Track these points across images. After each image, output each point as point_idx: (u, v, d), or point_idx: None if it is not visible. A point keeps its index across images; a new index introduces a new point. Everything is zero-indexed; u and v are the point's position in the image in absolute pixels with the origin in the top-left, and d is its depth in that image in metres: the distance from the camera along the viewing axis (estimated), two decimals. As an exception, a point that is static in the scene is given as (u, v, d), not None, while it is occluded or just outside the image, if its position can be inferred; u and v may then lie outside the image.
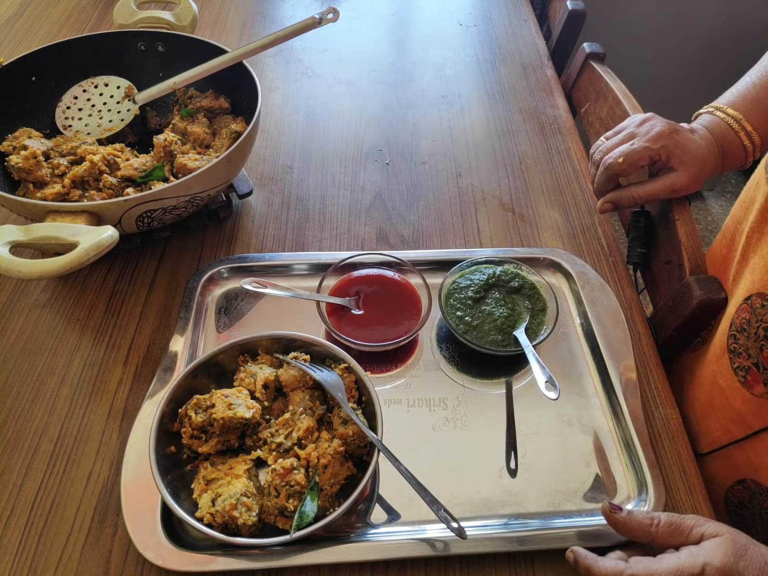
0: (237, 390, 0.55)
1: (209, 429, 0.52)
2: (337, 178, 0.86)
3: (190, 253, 0.74)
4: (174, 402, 0.53)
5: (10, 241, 0.54)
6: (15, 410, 0.60)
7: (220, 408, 0.52)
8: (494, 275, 0.68)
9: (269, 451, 0.53)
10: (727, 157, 0.70)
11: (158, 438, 0.51)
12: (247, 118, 0.78)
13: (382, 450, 0.50)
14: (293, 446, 0.52)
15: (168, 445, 0.53)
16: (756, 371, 0.56)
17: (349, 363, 0.57)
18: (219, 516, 0.48)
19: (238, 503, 0.48)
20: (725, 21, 1.67)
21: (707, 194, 2.23)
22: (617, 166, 0.69)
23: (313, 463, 0.51)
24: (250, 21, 1.16)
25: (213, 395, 0.53)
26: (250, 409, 0.53)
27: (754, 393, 0.57)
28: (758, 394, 0.56)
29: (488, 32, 1.18)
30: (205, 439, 0.53)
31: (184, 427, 0.53)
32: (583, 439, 0.60)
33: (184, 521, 0.47)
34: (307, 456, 0.51)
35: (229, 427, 0.53)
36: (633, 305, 0.72)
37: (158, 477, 0.49)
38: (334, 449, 0.52)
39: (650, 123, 0.71)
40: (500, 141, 0.94)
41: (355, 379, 0.57)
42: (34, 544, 0.52)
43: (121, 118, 0.79)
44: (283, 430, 0.54)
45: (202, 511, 0.48)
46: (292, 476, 0.49)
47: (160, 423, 0.52)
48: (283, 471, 0.50)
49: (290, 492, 0.49)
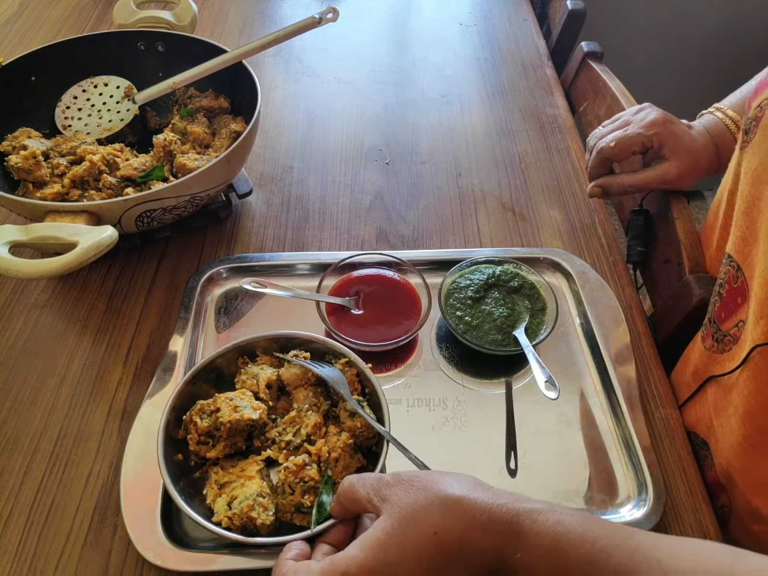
0: (240, 392, 0.55)
1: (216, 433, 0.52)
2: (337, 177, 0.86)
3: (190, 253, 0.74)
4: (177, 410, 0.53)
5: (10, 241, 0.54)
6: (15, 410, 0.60)
7: (226, 411, 0.52)
8: (494, 275, 0.68)
9: (279, 450, 0.53)
10: (723, 157, 0.70)
11: (165, 448, 0.50)
12: (246, 118, 0.78)
13: (391, 440, 0.51)
14: (303, 443, 0.53)
15: (175, 454, 0.52)
16: (709, 325, 0.59)
17: (349, 357, 0.57)
18: (237, 518, 0.48)
19: (255, 504, 0.48)
20: (725, 20, 1.67)
21: (707, 194, 2.23)
22: (609, 150, 0.70)
23: (324, 458, 0.51)
24: (250, 21, 1.16)
25: (217, 399, 0.53)
26: (257, 410, 0.53)
27: (705, 346, 0.59)
28: (707, 347, 0.59)
29: (488, 32, 1.18)
30: (213, 444, 0.52)
31: (190, 433, 0.52)
32: (583, 439, 0.60)
33: (205, 528, 0.47)
34: (318, 451, 0.51)
35: (236, 429, 0.52)
36: (633, 305, 0.72)
37: (171, 487, 0.48)
38: (344, 442, 0.52)
39: (645, 111, 0.72)
40: (500, 140, 0.94)
41: (356, 372, 0.57)
42: (33, 544, 0.52)
43: (120, 118, 0.79)
44: (290, 428, 0.54)
45: (220, 515, 0.48)
46: (305, 472, 0.50)
47: (165, 432, 0.51)
48: (296, 468, 0.50)
49: (305, 488, 0.49)
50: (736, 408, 0.53)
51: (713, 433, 0.58)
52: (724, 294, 0.56)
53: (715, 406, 0.58)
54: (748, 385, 0.51)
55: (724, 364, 0.55)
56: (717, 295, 0.57)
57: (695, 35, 1.71)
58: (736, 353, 0.54)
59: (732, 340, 0.54)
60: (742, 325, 0.52)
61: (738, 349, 0.53)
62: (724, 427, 0.56)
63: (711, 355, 0.58)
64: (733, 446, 0.55)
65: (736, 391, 0.53)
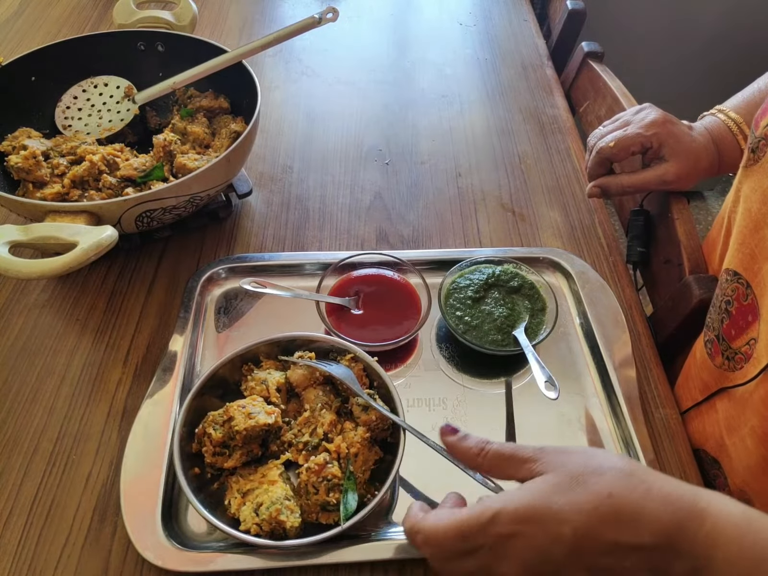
0: (251, 399, 0.54)
1: (230, 443, 0.52)
2: (337, 177, 0.86)
3: (190, 253, 0.74)
4: (188, 425, 0.53)
5: (10, 241, 0.54)
6: (14, 410, 0.60)
7: (240, 419, 0.52)
8: (494, 275, 0.68)
9: (297, 452, 0.53)
10: (724, 159, 0.70)
11: (183, 464, 0.50)
12: (246, 118, 0.78)
13: (408, 428, 0.51)
14: (320, 442, 0.53)
15: (191, 468, 0.52)
16: (717, 343, 0.58)
17: (354, 352, 0.57)
18: (266, 524, 0.48)
19: (282, 508, 0.48)
20: (725, 20, 1.67)
21: (707, 194, 2.23)
22: (608, 149, 0.70)
23: (343, 454, 0.51)
24: (250, 21, 1.16)
25: (229, 409, 0.53)
26: (271, 414, 0.53)
27: (715, 364, 0.58)
28: (717, 365, 0.58)
29: (488, 32, 1.18)
30: (229, 454, 0.52)
31: (205, 446, 0.52)
32: (583, 439, 0.60)
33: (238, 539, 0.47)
34: (337, 448, 0.52)
35: (252, 436, 0.52)
36: (633, 305, 0.72)
37: (196, 502, 0.48)
38: (361, 436, 0.52)
39: (645, 111, 0.71)
40: (500, 141, 0.94)
41: (363, 366, 0.57)
42: (33, 544, 0.52)
43: (120, 118, 0.79)
44: (305, 429, 0.54)
45: (248, 523, 0.48)
46: (328, 470, 0.50)
47: (180, 448, 0.51)
48: (318, 467, 0.50)
49: (329, 486, 0.49)
50: (753, 429, 0.52)
51: (725, 452, 0.57)
52: (734, 312, 0.55)
53: (728, 425, 0.56)
54: (766, 405, 0.50)
55: (737, 381, 0.54)
56: (725, 312, 0.56)
57: (695, 35, 1.71)
58: (748, 371, 0.52)
59: (743, 358, 0.53)
60: (754, 342, 0.52)
61: (750, 366, 0.52)
62: (739, 446, 0.55)
63: (722, 373, 0.57)
64: (749, 467, 0.53)
65: (751, 411, 0.52)
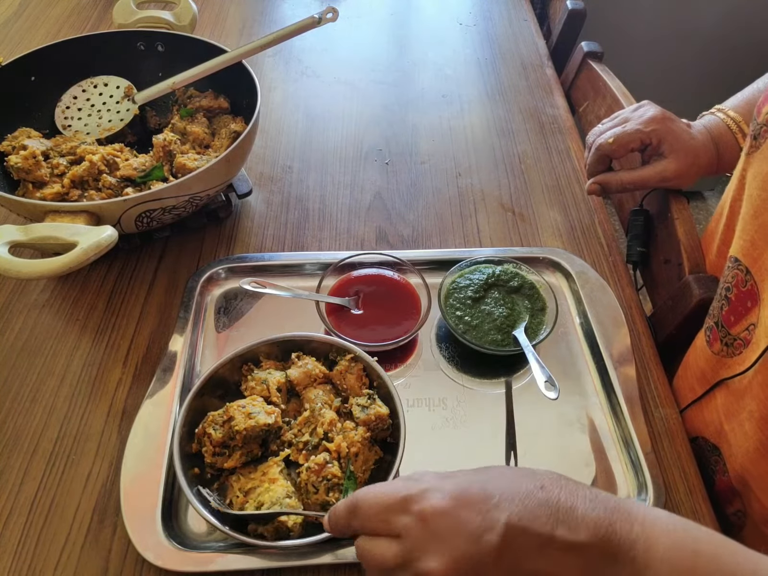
0: (251, 399, 0.54)
1: (230, 443, 0.52)
2: (337, 177, 0.86)
3: (190, 253, 0.74)
4: (188, 425, 0.53)
5: (10, 241, 0.54)
6: (14, 410, 0.60)
7: (240, 419, 0.52)
8: (494, 275, 0.68)
9: (297, 452, 0.53)
10: (723, 158, 0.70)
11: (183, 465, 0.50)
12: (246, 118, 0.78)
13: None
14: (320, 441, 0.53)
15: (190, 469, 0.52)
16: (716, 329, 0.58)
17: (354, 352, 0.57)
18: (270, 524, 0.48)
19: (283, 508, 0.48)
20: (725, 20, 1.66)
21: (707, 194, 2.23)
22: (607, 146, 0.70)
23: (343, 454, 0.51)
24: (250, 21, 1.16)
25: (229, 409, 0.53)
26: (271, 414, 0.53)
27: (713, 351, 0.59)
28: (716, 351, 0.58)
29: (488, 32, 1.18)
30: (229, 454, 0.52)
31: (205, 446, 0.52)
32: (583, 439, 0.60)
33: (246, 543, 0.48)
34: (337, 447, 0.51)
35: (252, 436, 0.52)
36: (633, 305, 0.72)
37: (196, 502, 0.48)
38: (361, 436, 0.52)
39: (644, 108, 0.72)
40: (500, 141, 0.94)
41: (363, 366, 0.57)
42: (33, 544, 0.52)
43: (120, 118, 0.79)
44: (305, 429, 0.54)
45: (252, 523, 0.48)
46: (328, 470, 0.50)
47: (180, 448, 0.51)
48: (318, 467, 0.50)
49: (329, 486, 0.49)
50: (750, 413, 0.53)
51: (725, 438, 0.57)
52: (733, 298, 0.55)
53: (726, 411, 0.57)
54: (765, 389, 0.50)
55: (735, 367, 0.55)
56: (724, 299, 0.57)
57: (695, 35, 1.71)
58: (747, 356, 0.53)
59: (742, 343, 0.54)
60: (753, 328, 0.52)
61: (749, 352, 0.53)
62: (737, 431, 0.55)
63: (720, 360, 0.57)
64: (748, 451, 0.54)
65: (750, 396, 0.53)
